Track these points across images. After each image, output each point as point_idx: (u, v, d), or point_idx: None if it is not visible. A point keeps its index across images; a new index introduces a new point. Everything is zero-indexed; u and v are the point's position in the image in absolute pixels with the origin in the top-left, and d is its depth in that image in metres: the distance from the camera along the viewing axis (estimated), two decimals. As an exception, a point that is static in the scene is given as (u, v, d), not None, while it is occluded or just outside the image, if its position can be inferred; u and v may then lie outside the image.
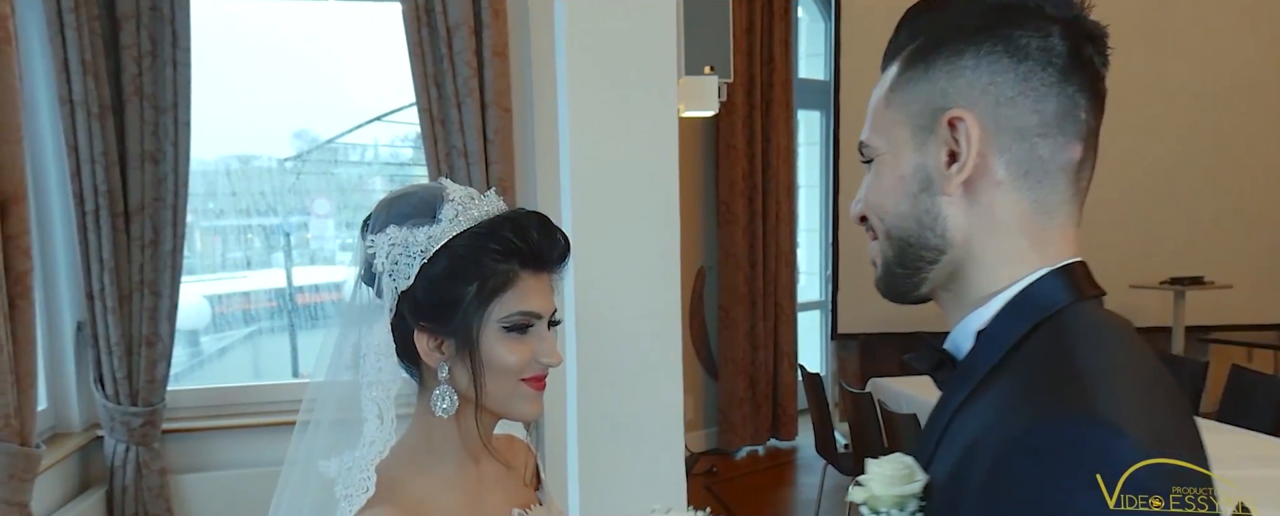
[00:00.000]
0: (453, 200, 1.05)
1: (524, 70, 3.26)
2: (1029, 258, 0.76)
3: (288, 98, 3.82)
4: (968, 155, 0.74)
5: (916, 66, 0.78)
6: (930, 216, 0.77)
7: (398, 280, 1.03)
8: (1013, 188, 0.75)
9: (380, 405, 1.03)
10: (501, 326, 1.02)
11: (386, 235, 1.04)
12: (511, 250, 1.02)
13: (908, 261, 0.79)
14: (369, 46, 3.85)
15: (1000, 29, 0.74)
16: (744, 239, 5.43)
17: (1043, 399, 0.66)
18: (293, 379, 3.94)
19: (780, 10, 5.66)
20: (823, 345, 6.56)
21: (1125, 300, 5.79)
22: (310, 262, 4.46)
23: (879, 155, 0.80)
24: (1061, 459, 0.62)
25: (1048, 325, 0.73)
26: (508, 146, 3.16)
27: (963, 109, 0.74)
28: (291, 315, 4.37)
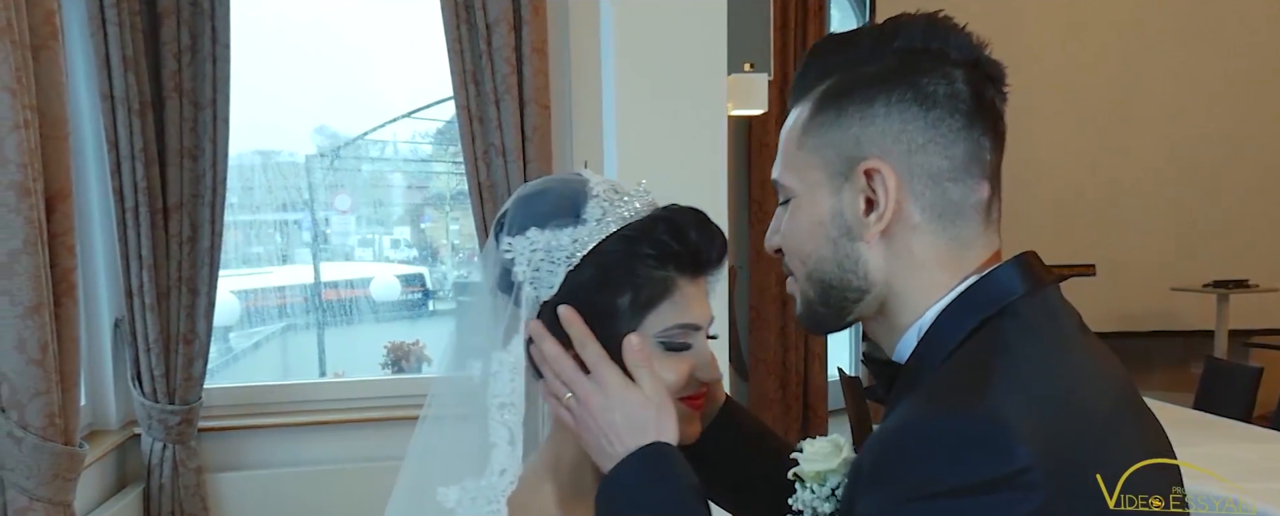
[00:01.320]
0: (597, 196, 0.93)
1: (563, 67, 3.23)
2: (949, 282, 0.77)
3: (309, 93, 3.80)
4: (886, 205, 0.75)
5: (827, 110, 0.78)
6: (851, 261, 0.78)
7: (540, 289, 0.92)
8: (929, 230, 0.76)
9: (511, 428, 0.92)
10: (659, 342, 0.90)
11: (527, 238, 0.92)
12: (668, 254, 0.90)
13: (831, 301, 0.80)
14: (392, 42, 3.84)
15: (908, 76, 0.75)
16: (776, 238, 5.38)
17: (946, 392, 0.70)
18: (323, 377, 3.93)
19: (815, 7, 5.59)
20: (852, 346, 6.49)
21: (1166, 303, 5.69)
22: (331, 258, 4.45)
23: (794, 196, 0.81)
24: (943, 447, 0.66)
25: (982, 331, 0.74)
26: (546, 144, 3.13)
27: (878, 159, 0.75)
28: (320, 312, 4.36)
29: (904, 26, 0.77)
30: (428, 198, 4.61)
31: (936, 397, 0.70)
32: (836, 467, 0.83)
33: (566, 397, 0.89)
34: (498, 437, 0.92)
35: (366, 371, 3.69)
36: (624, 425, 0.85)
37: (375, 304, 4.78)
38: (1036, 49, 5.76)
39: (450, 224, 4.71)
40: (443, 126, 4.29)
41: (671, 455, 0.84)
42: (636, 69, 2.18)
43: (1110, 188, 5.78)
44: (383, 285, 4.89)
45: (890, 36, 0.77)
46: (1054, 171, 5.78)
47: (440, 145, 4.34)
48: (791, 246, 0.82)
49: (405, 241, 4.88)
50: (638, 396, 0.86)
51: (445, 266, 4.73)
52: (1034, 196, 5.79)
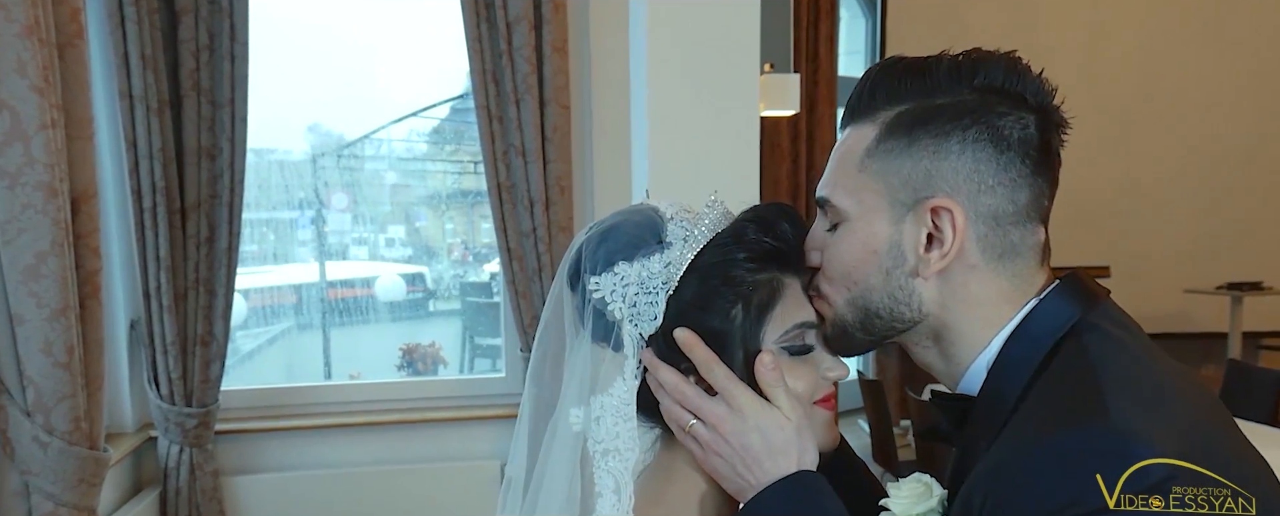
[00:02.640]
0: (673, 218, 0.88)
1: (583, 66, 3.20)
2: (1007, 315, 0.77)
3: (304, 91, 3.76)
4: (950, 245, 0.74)
5: (898, 137, 0.76)
6: (904, 292, 0.77)
7: (642, 323, 0.86)
8: (987, 270, 0.76)
9: (617, 477, 0.86)
10: (782, 349, 0.85)
11: (615, 275, 0.86)
12: (768, 254, 0.85)
13: (875, 329, 0.79)
14: (391, 41, 3.80)
15: (985, 115, 0.74)
16: (789, 239, 5.35)
17: (1061, 417, 0.68)
18: (329, 379, 3.89)
19: (826, 6, 5.56)
20: (862, 347, 6.48)
21: (1179, 305, 5.67)
22: (328, 257, 4.40)
23: (847, 219, 0.78)
24: (1070, 464, 0.63)
25: (1068, 342, 0.73)
26: (566, 145, 3.10)
27: (948, 198, 0.74)
28: (325, 312, 4.32)
29: (983, 64, 0.76)
30: (424, 196, 4.57)
31: (1052, 418, 0.68)
32: (934, 508, 0.79)
33: (690, 425, 0.84)
34: (603, 486, 0.87)
35: (377, 372, 3.66)
36: (763, 449, 0.80)
37: (378, 303, 4.74)
38: (1056, 49, 5.74)
39: (446, 223, 4.68)
40: (438, 124, 4.26)
41: (820, 484, 0.80)
42: (670, 69, 2.15)
43: (1127, 189, 5.76)
44: (387, 284, 4.86)
45: (969, 72, 0.76)
46: (1070, 172, 5.67)
47: (437, 144, 4.31)
48: (837, 270, 0.79)
49: (400, 240, 4.85)
50: (777, 417, 0.81)
51: (443, 265, 4.70)
52: (1047, 198, 5.78)
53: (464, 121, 4.22)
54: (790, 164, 5.39)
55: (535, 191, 3.04)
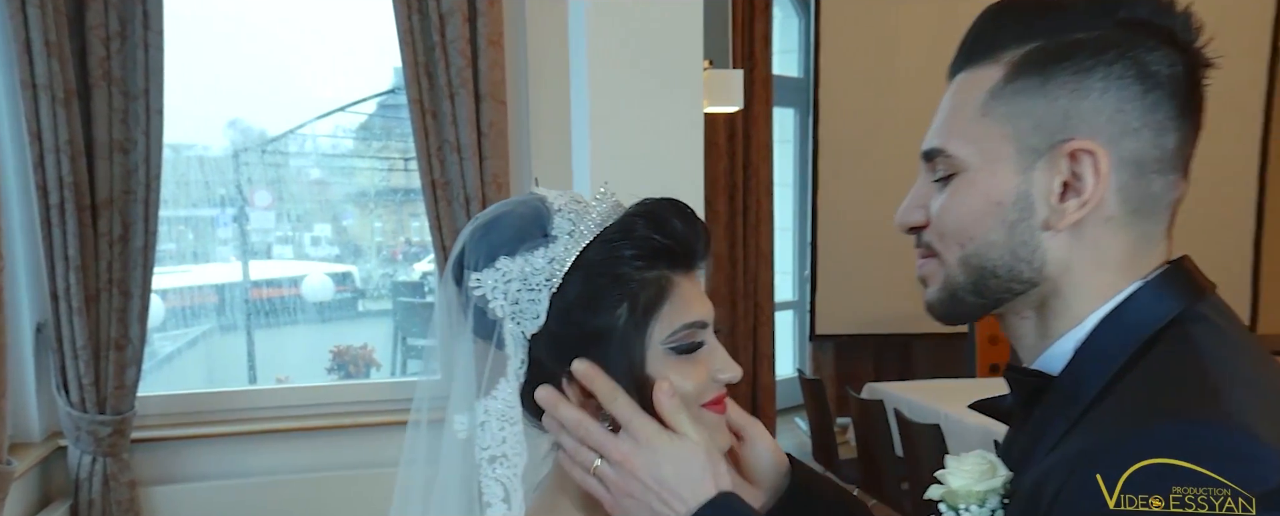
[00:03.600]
0: (561, 210, 0.84)
1: (520, 60, 3.13)
2: (1121, 286, 0.71)
3: (223, 85, 3.61)
4: (1092, 192, 0.68)
5: (1029, 76, 0.69)
6: (1028, 249, 0.70)
7: (524, 322, 0.82)
8: (1122, 223, 0.70)
9: (506, 485, 0.82)
10: (669, 349, 0.82)
11: (496, 270, 0.82)
12: (657, 251, 0.82)
13: (988, 291, 0.73)
14: (314, 34, 3.67)
15: (1131, 50, 0.68)
16: (725, 238, 5.34)
17: (1167, 407, 0.62)
18: (254, 383, 3.74)
19: (761, 6, 5.58)
20: (795, 346, 6.51)
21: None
22: (252, 257, 4.25)
23: (966, 169, 0.72)
24: (1187, 460, 0.58)
25: (1171, 333, 0.68)
26: (503, 141, 3.02)
27: (1090, 139, 0.68)
28: (249, 314, 4.16)
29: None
30: (351, 194, 4.45)
31: (1155, 408, 0.62)
32: (996, 489, 0.73)
33: (595, 466, 0.79)
34: (491, 495, 0.83)
35: (306, 375, 3.52)
36: (676, 479, 0.76)
37: (306, 304, 4.59)
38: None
39: (374, 221, 4.57)
40: (366, 120, 4.16)
41: (742, 504, 0.77)
42: (612, 65, 2.09)
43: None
44: (314, 284, 4.71)
45: (1112, 5, 0.69)
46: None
47: (364, 140, 4.20)
48: (950, 225, 0.73)
49: (327, 239, 4.71)
50: (685, 444, 0.77)
51: (371, 264, 4.59)
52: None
53: (392, 117, 4.11)
54: (727, 161, 5.39)
55: (471, 189, 2.96)
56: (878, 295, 5.90)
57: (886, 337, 6.09)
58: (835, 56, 5.83)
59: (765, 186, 5.62)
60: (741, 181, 5.46)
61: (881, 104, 5.88)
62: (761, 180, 5.58)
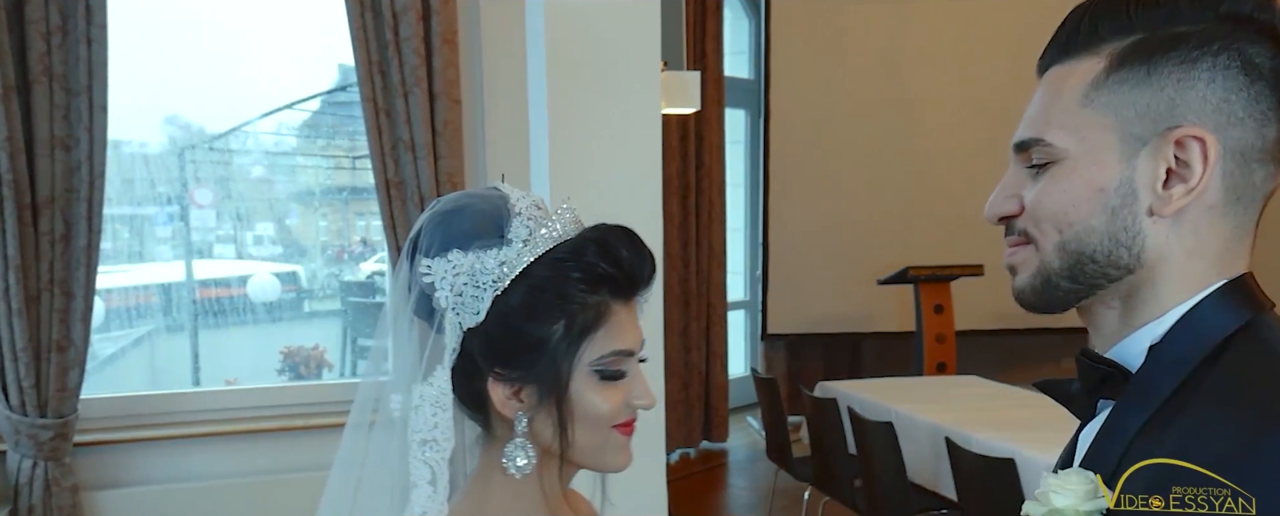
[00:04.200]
0: (521, 214, 0.87)
1: (474, 59, 3.11)
2: (1211, 279, 0.72)
3: (161, 80, 3.53)
4: (1200, 179, 0.69)
5: (1133, 67, 0.71)
6: (1129, 234, 0.71)
7: (464, 316, 0.86)
8: (1222, 212, 0.71)
9: (433, 467, 0.86)
10: (594, 371, 0.86)
11: (448, 261, 0.86)
12: (601, 278, 0.86)
13: (1083, 277, 0.73)
14: (259, 28, 3.61)
15: (1235, 42, 0.70)
16: (678, 238, 5.37)
17: (1268, 414, 0.63)
18: (198, 384, 3.66)
19: (712, 6, 5.62)
20: (747, 345, 6.57)
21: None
22: (193, 256, 4.15)
23: (1066, 158, 0.73)
24: None
25: (1242, 338, 0.69)
26: (457, 140, 3.01)
27: (1197, 127, 0.69)
28: (197, 315, 4.07)
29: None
30: (295, 192, 4.38)
31: (1262, 410, 0.63)
32: (1101, 507, 0.72)
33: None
34: (418, 477, 0.86)
35: (256, 376, 3.46)
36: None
37: (253, 304, 4.50)
38: (931, 52, 5.94)
39: (319, 220, 4.51)
40: (310, 118, 4.10)
41: None
42: (570, 66, 2.10)
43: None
44: (261, 284, 4.62)
45: (1213, 0, 0.71)
46: (946, 173, 5.98)
47: (308, 138, 4.14)
48: (1048, 211, 0.74)
49: (270, 238, 4.64)
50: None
51: (316, 264, 4.52)
52: (928, 197, 5.99)
53: (338, 114, 4.06)
54: (680, 162, 5.42)
55: (426, 188, 2.94)
56: (828, 295, 5.98)
57: (836, 337, 6.17)
58: (785, 58, 5.89)
59: (717, 187, 5.66)
60: (694, 182, 5.50)
61: (831, 105, 5.96)
62: (714, 181, 5.62)
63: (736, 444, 5.71)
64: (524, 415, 0.86)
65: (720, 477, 5.26)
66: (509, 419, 0.87)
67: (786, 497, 4.18)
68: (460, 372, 0.87)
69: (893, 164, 5.96)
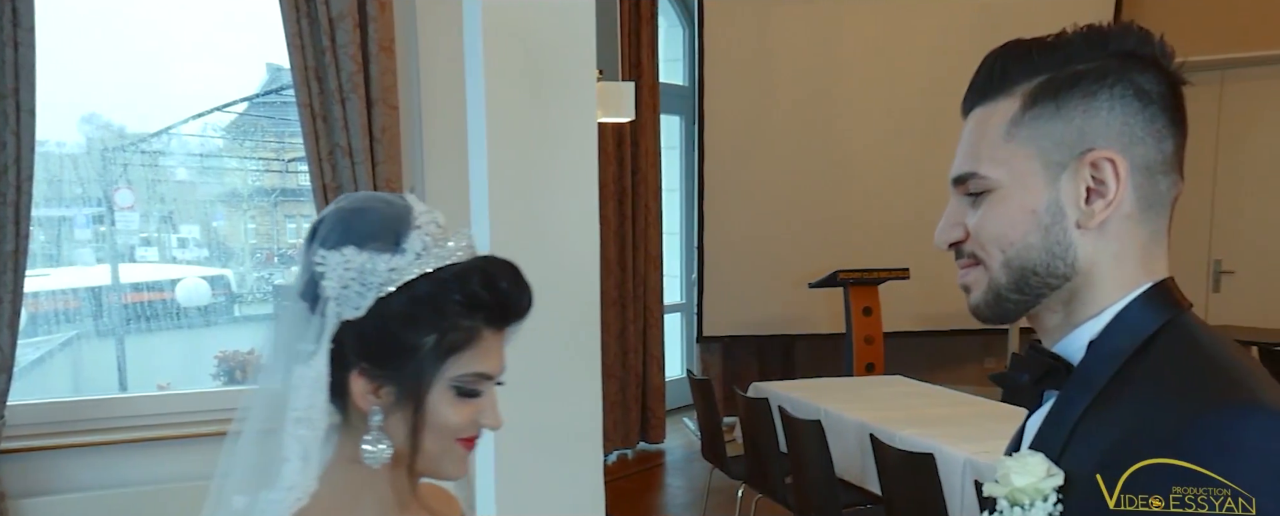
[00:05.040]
0: (421, 228, 0.93)
1: (411, 66, 3.14)
2: (1140, 278, 0.82)
3: (80, 79, 3.46)
4: (1115, 192, 0.80)
5: (1044, 103, 0.81)
6: (1062, 247, 0.81)
7: (345, 308, 0.91)
8: (1138, 220, 0.81)
9: (306, 445, 0.91)
10: (453, 386, 0.92)
11: (341, 255, 0.91)
12: (478, 304, 0.92)
13: (1028, 288, 0.83)
14: (185, 29, 3.58)
15: (1126, 74, 0.80)
16: (614, 242, 5.43)
17: (1199, 395, 0.71)
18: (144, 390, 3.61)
19: (647, 15, 5.71)
20: (683, 347, 6.66)
21: (966, 304, 6.18)
22: (115, 259, 4.09)
23: (999, 187, 0.83)
24: (1243, 448, 0.67)
25: (1168, 332, 0.79)
26: (396, 145, 3.04)
27: (1107, 149, 0.80)
28: (128, 319, 4.00)
29: (1116, 33, 0.82)
30: (221, 194, 4.33)
31: (1193, 392, 0.72)
32: (1058, 484, 0.79)
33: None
34: (290, 452, 0.91)
35: (189, 382, 3.43)
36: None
37: (182, 308, 4.43)
38: (855, 61, 6.11)
39: (247, 223, 4.46)
40: (237, 119, 4.06)
41: None
42: (507, 75, 2.15)
43: (922, 196, 6.20)
44: (190, 288, 4.55)
45: (1102, 40, 0.82)
46: (873, 179, 6.16)
47: (235, 140, 4.11)
48: (991, 234, 0.83)
49: (195, 240, 4.57)
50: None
51: (244, 267, 4.47)
52: (857, 203, 6.15)
53: (266, 116, 4.03)
54: (616, 167, 5.48)
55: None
56: (762, 298, 6.10)
57: (770, 338, 6.31)
58: (718, 66, 6.01)
59: (653, 192, 5.75)
60: (630, 187, 5.57)
61: (763, 112, 6.09)
62: (650, 186, 5.70)
63: (673, 444, 5.80)
64: (379, 411, 0.92)
65: (657, 478, 5.34)
66: (365, 412, 0.93)
67: (721, 496, 4.27)
68: (331, 360, 0.92)
69: (823, 170, 6.12)
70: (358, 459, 0.93)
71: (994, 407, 3.63)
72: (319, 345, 0.92)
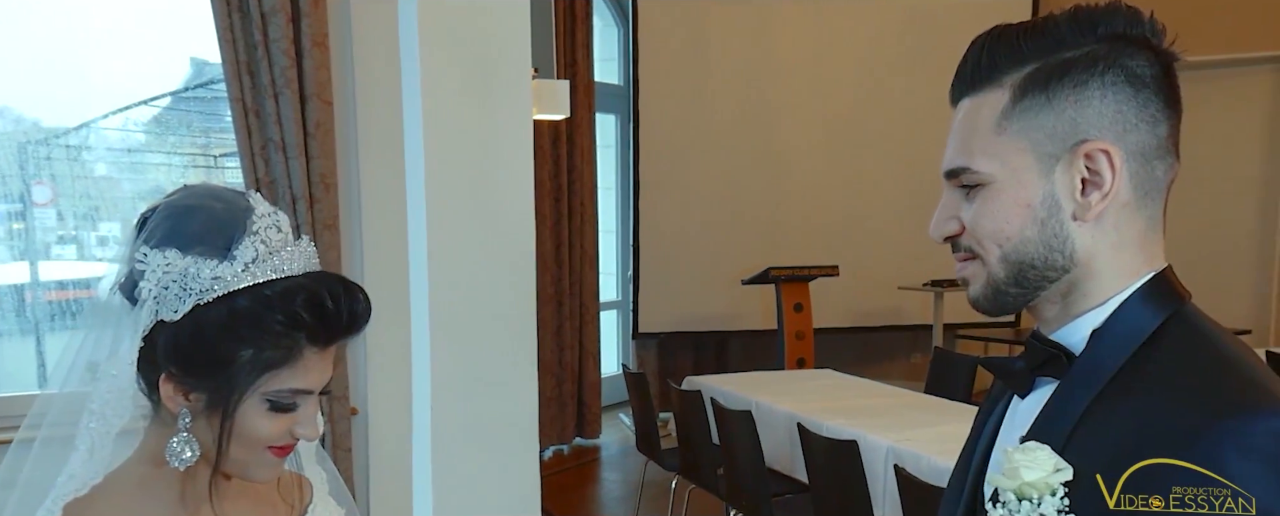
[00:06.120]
0: (256, 233, 0.89)
1: (345, 61, 3.13)
2: (1140, 268, 0.81)
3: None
4: (1111, 183, 0.78)
5: (1034, 95, 0.79)
6: (1059, 240, 0.80)
7: (162, 309, 0.88)
8: (1135, 208, 0.80)
9: (95, 438, 0.89)
10: (266, 400, 0.89)
11: (163, 256, 0.88)
12: (299, 324, 0.88)
13: (1026, 281, 0.81)
14: (104, 20, 3.51)
15: (1117, 59, 0.78)
16: (551, 240, 5.46)
17: (1216, 398, 0.70)
18: (36, 389, 3.53)
19: (582, 14, 5.74)
20: (619, 344, 6.72)
21: (893, 300, 6.36)
22: (30, 257, 3.98)
23: (993, 181, 0.81)
24: (1265, 452, 0.66)
25: (1174, 325, 0.78)
26: (329, 141, 3.02)
27: (1101, 140, 0.78)
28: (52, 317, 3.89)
29: (1103, 14, 0.79)
30: (144, 191, 4.25)
31: (1210, 394, 0.70)
32: (1068, 477, 0.76)
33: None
34: (80, 442, 0.89)
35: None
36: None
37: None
38: (789, 63, 6.24)
39: (171, 220, 4.37)
40: (161, 113, 3.99)
41: None
42: (442, 71, 2.17)
43: (851, 195, 6.37)
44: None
45: (1090, 24, 0.79)
46: (804, 178, 6.30)
47: (157, 134, 4.03)
48: (987, 229, 0.81)
49: (114, 238, 4.47)
50: None
51: (169, 265, 4.37)
52: (788, 201, 6.28)
53: (193, 110, 3.97)
54: (552, 165, 5.52)
55: (298, 188, 2.95)
56: (696, 294, 6.20)
57: (704, 335, 6.40)
58: (653, 66, 6.08)
59: (589, 190, 5.79)
60: (566, 184, 5.61)
61: (697, 112, 6.19)
62: (586, 184, 5.74)
63: (608, 440, 5.85)
64: (188, 414, 0.89)
65: (592, 472, 5.39)
66: (173, 412, 0.90)
67: (655, 489, 4.34)
68: (142, 357, 0.89)
69: (755, 169, 6.24)
70: (160, 458, 0.90)
71: (916, 398, 3.77)
72: (130, 342, 0.89)
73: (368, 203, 3.10)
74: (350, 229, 3.10)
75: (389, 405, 2.99)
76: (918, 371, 6.12)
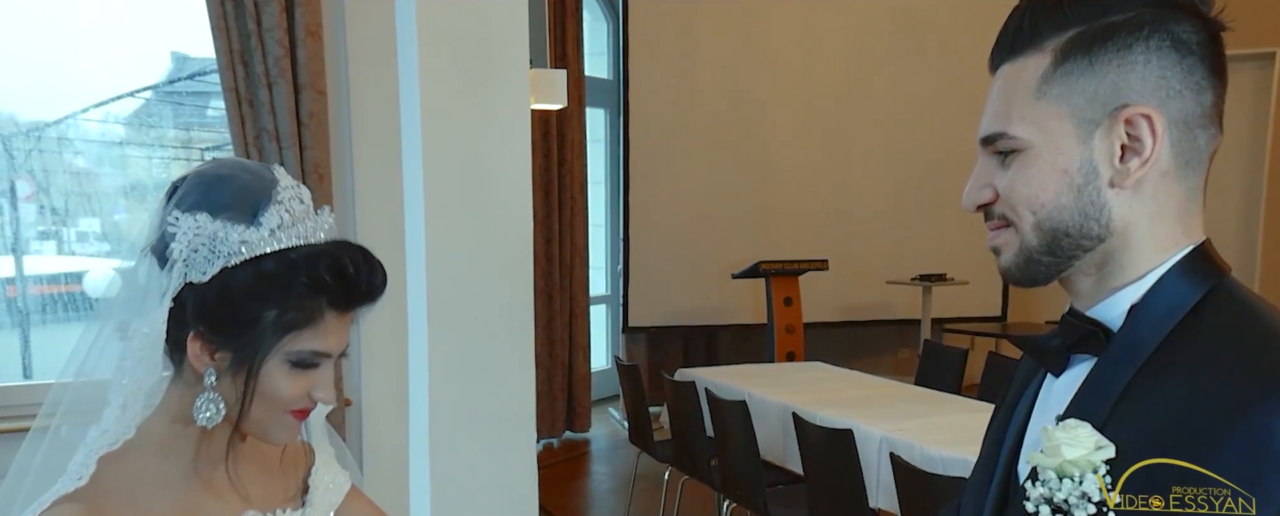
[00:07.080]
0: (280, 203, 0.94)
1: (339, 51, 3.12)
2: (1180, 240, 0.79)
3: None
4: (1152, 150, 0.76)
5: (1076, 58, 0.78)
6: (1096, 207, 0.78)
7: (190, 272, 0.92)
8: (1176, 177, 0.78)
9: (128, 396, 0.92)
10: (288, 360, 0.94)
11: (194, 220, 0.92)
12: (322, 288, 0.93)
13: (1060, 250, 0.80)
14: (86, 14, 3.48)
15: (1163, 24, 0.76)
16: (541, 234, 5.46)
17: (1269, 370, 0.69)
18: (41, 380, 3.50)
19: (572, 8, 5.74)
20: (609, 338, 6.73)
21: (882, 294, 6.39)
22: (8, 252, 3.95)
23: (1029, 147, 0.79)
24: None
25: (1216, 298, 0.77)
26: (323, 131, 3.01)
27: (1142, 104, 0.76)
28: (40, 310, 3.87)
29: None
30: (124, 186, 4.22)
31: (1260, 368, 0.69)
32: (1110, 456, 0.74)
33: None
34: (113, 398, 0.93)
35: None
36: None
37: (92, 301, 4.30)
38: (778, 57, 6.25)
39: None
40: (142, 105, 3.96)
41: None
42: (440, 61, 2.17)
43: (840, 189, 6.39)
44: (100, 281, 4.43)
45: None
46: (793, 172, 6.31)
47: (136, 128, 4.00)
48: (1022, 196, 0.80)
49: (95, 233, 4.44)
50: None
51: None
52: (777, 195, 6.29)
53: (174, 103, 3.94)
54: (542, 159, 5.51)
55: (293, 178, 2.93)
56: (686, 288, 6.21)
57: (694, 329, 6.42)
58: (643, 60, 6.08)
59: (580, 184, 5.79)
60: (557, 178, 5.60)
61: (687, 106, 6.20)
62: (576, 178, 5.74)
63: (598, 433, 5.86)
64: (214, 372, 0.93)
65: (583, 465, 5.39)
66: (199, 372, 0.94)
67: (647, 481, 4.35)
68: (170, 317, 0.93)
69: (744, 163, 6.25)
70: (182, 415, 0.94)
71: (907, 390, 3.79)
72: (160, 302, 0.93)
73: (361, 193, 3.09)
74: (344, 219, 3.09)
75: (383, 396, 2.98)
76: (906, 366, 6.16)
